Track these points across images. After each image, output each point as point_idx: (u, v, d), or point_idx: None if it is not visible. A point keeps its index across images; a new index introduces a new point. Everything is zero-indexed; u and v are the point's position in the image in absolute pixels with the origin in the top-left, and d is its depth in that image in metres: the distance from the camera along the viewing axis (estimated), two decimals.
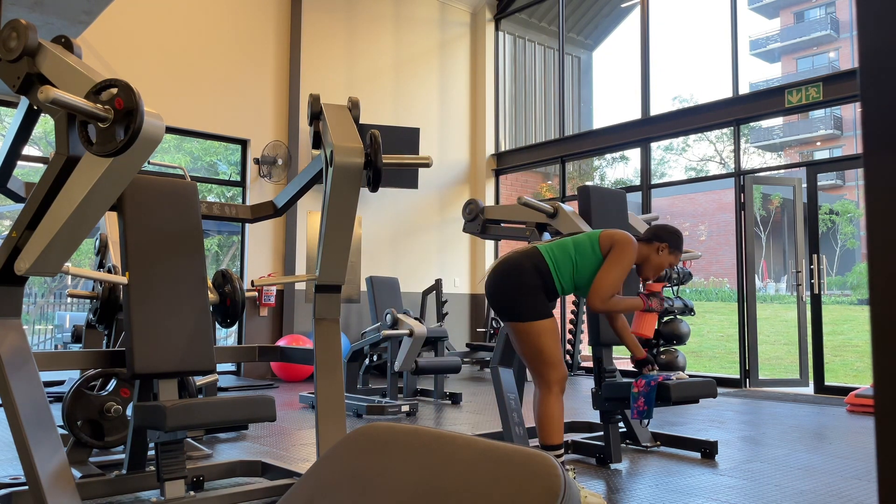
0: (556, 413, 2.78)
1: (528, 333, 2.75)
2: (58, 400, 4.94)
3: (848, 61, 26.62)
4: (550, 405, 2.77)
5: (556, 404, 2.77)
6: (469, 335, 9.25)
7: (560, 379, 2.78)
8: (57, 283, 11.93)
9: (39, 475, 1.96)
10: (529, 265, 2.78)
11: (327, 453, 0.81)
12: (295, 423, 4.66)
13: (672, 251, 2.92)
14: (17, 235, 2.10)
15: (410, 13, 9.06)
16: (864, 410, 5.28)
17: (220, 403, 2.40)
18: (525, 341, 2.77)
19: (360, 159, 2.48)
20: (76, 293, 3.60)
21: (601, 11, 10.58)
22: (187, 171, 4.86)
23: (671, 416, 5.01)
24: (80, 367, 2.64)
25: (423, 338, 5.15)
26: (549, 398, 2.77)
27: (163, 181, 2.79)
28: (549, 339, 2.75)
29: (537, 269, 2.78)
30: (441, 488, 0.69)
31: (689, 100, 19.39)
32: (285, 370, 7.09)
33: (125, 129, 1.74)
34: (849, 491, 2.98)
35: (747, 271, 6.85)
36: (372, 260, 8.44)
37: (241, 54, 7.52)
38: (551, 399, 2.77)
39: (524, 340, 2.77)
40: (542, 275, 2.78)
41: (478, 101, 9.64)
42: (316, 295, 2.72)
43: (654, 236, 2.93)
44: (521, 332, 2.76)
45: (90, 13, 4.73)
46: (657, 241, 2.92)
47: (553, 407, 2.77)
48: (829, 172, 16.45)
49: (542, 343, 2.74)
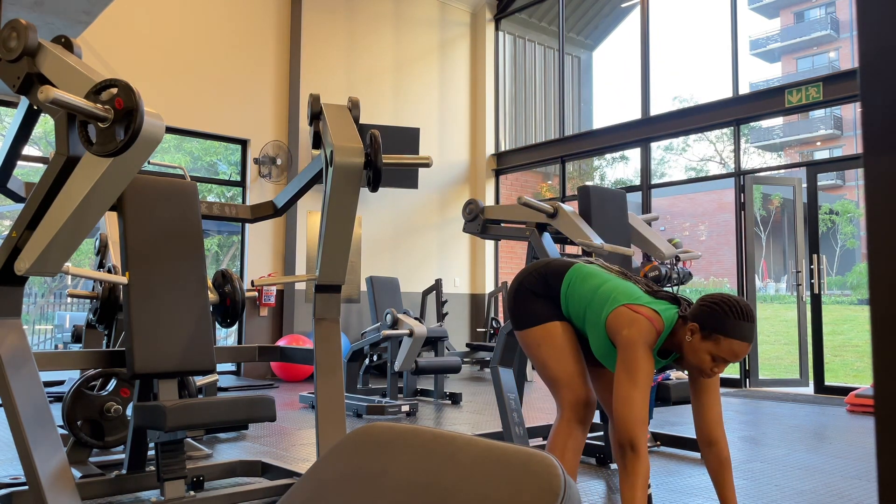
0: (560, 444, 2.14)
1: (525, 345, 2.27)
2: (58, 400, 4.94)
3: (848, 61, 26.61)
4: (557, 434, 2.16)
5: (563, 434, 2.15)
6: (469, 335, 9.25)
7: (573, 403, 2.15)
8: (57, 283, 11.92)
9: (39, 475, 1.96)
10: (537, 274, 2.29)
11: (327, 453, 0.81)
12: (295, 423, 4.66)
13: (709, 335, 1.91)
14: (17, 235, 2.10)
15: (410, 13, 9.05)
16: (864, 410, 5.28)
17: (220, 403, 2.40)
18: (528, 354, 2.28)
19: (360, 159, 2.48)
20: (76, 293, 3.60)
21: (601, 11, 10.57)
22: (187, 171, 4.86)
23: (671, 416, 5.01)
24: (80, 367, 2.64)
25: (423, 338, 5.15)
26: (559, 426, 2.17)
27: (163, 181, 2.79)
28: (550, 350, 2.19)
29: (544, 280, 2.27)
30: (441, 488, 0.69)
31: (689, 100, 19.38)
32: (285, 370, 7.09)
33: (125, 129, 1.74)
34: (849, 491, 2.98)
35: (747, 271, 6.85)
36: (372, 260, 8.44)
37: (241, 54, 7.52)
38: (561, 426, 2.16)
39: (527, 353, 2.29)
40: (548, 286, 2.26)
41: (478, 101, 9.64)
42: (316, 295, 2.72)
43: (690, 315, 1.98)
44: (520, 342, 2.31)
45: (90, 13, 4.73)
46: (692, 320, 1.96)
47: (559, 437, 2.15)
48: (829, 172, 16.44)
49: (542, 355, 2.21)
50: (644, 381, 1.92)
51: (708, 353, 1.91)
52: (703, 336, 1.92)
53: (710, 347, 1.91)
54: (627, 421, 1.90)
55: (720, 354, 1.89)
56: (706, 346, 1.91)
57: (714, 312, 1.90)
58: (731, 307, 1.89)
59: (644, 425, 1.91)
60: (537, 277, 2.28)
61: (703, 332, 1.92)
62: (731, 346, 1.88)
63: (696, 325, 1.93)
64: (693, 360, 1.95)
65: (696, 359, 1.94)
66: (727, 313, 1.89)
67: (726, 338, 1.88)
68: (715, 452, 2.04)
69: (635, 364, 1.93)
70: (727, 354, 1.89)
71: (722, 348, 1.89)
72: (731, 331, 1.87)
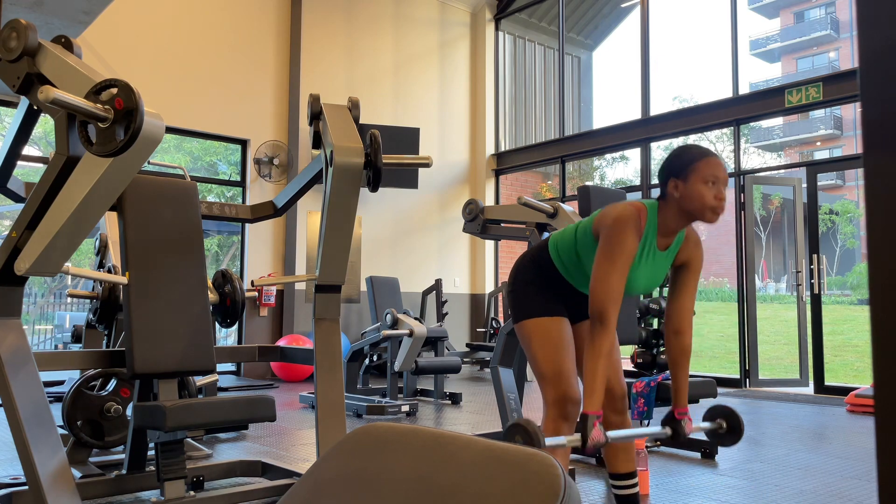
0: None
1: (520, 336, 2.27)
2: (58, 400, 4.94)
3: (848, 61, 26.62)
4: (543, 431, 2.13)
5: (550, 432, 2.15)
6: (469, 335, 9.25)
7: (555, 399, 2.15)
8: (57, 283, 11.92)
9: (39, 475, 1.96)
10: (528, 258, 2.32)
11: (327, 453, 0.81)
12: (295, 423, 4.66)
13: (686, 174, 2.02)
14: (17, 235, 2.10)
15: (410, 13, 9.06)
16: (864, 410, 5.28)
17: (220, 403, 2.40)
18: (522, 346, 2.29)
19: (360, 159, 2.48)
20: (76, 293, 3.60)
21: (601, 11, 10.58)
22: (187, 171, 4.86)
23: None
24: (80, 367, 2.64)
25: (423, 338, 5.15)
26: (545, 424, 2.17)
27: (163, 181, 2.79)
28: (542, 343, 2.18)
29: (535, 262, 2.29)
30: (441, 488, 0.69)
31: (689, 100, 19.41)
32: (285, 370, 7.09)
33: (125, 129, 1.74)
34: (849, 491, 2.98)
35: (747, 271, 6.85)
36: (372, 260, 8.44)
37: (241, 54, 7.52)
38: (546, 425, 2.17)
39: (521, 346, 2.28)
40: (540, 268, 2.28)
41: (478, 101, 9.64)
42: (316, 295, 2.72)
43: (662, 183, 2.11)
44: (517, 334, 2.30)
45: (90, 13, 4.73)
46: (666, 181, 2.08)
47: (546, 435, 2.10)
48: (829, 172, 16.43)
49: (532, 349, 2.21)
50: (622, 261, 1.99)
51: (696, 187, 2.01)
52: (683, 178, 2.03)
53: (694, 181, 2.01)
54: (600, 294, 1.99)
55: (706, 179, 2.00)
56: (692, 182, 2.01)
57: (675, 157, 2.06)
58: (681, 147, 2.09)
59: (616, 303, 1.99)
60: (528, 264, 2.31)
61: (680, 177, 2.03)
62: (707, 166, 2.01)
63: (673, 179, 2.05)
64: (696, 204, 2.01)
65: (697, 200, 2.01)
66: (682, 150, 2.07)
67: (698, 162, 2.02)
68: (679, 340, 2.19)
69: (616, 245, 2.00)
70: (710, 176, 2.00)
71: (702, 173, 2.01)
72: (697, 155, 2.03)
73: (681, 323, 2.19)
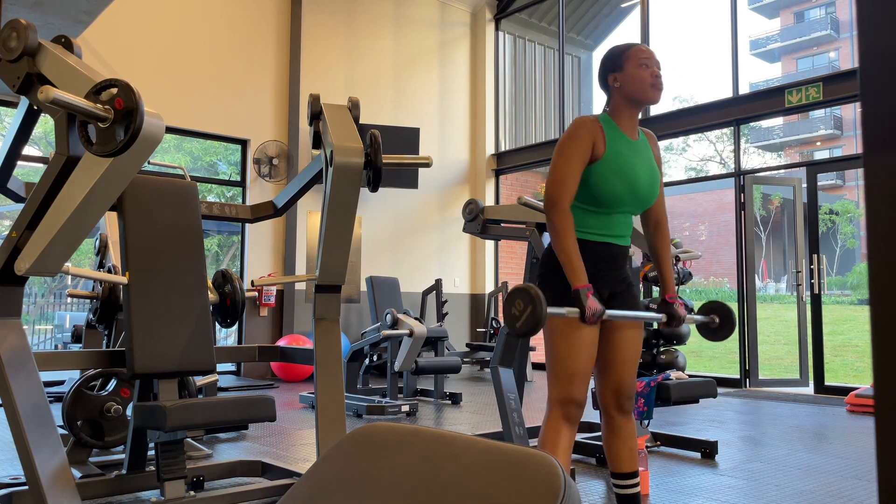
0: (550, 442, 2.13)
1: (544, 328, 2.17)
2: (58, 400, 4.94)
3: (848, 61, 26.62)
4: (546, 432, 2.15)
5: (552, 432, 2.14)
6: (469, 335, 9.25)
7: (562, 400, 2.13)
8: (57, 283, 11.93)
9: (39, 475, 1.96)
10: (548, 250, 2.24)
11: (327, 453, 0.81)
12: (295, 423, 4.66)
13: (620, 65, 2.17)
14: (17, 235, 2.10)
15: (410, 13, 9.05)
16: (864, 410, 5.28)
17: (220, 403, 2.40)
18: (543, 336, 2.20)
19: (360, 159, 2.48)
20: (76, 293, 3.60)
21: (601, 11, 10.57)
22: (187, 171, 4.86)
23: (671, 416, 5.00)
24: (80, 367, 2.64)
25: (423, 338, 5.15)
26: (548, 423, 2.16)
27: (163, 181, 2.79)
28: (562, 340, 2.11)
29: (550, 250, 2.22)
30: (441, 488, 0.69)
31: (689, 100, 19.39)
32: (285, 370, 7.09)
33: (125, 129, 1.74)
34: (849, 491, 2.98)
35: (747, 271, 6.85)
36: (372, 260, 8.44)
37: (241, 54, 7.52)
38: (549, 424, 2.15)
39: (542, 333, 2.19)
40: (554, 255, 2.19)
41: (478, 101, 9.64)
42: (316, 295, 2.72)
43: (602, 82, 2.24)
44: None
45: (90, 13, 4.73)
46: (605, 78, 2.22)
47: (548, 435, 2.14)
48: (829, 172, 16.43)
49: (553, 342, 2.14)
50: (576, 158, 2.10)
51: (633, 71, 2.16)
52: (620, 69, 2.18)
53: (629, 67, 2.16)
54: (550, 184, 2.11)
55: (640, 62, 2.16)
56: (627, 69, 2.16)
57: (606, 58, 2.22)
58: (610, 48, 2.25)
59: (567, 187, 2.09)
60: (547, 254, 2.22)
61: (616, 69, 2.19)
62: (637, 51, 2.18)
63: (611, 74, 2.19)
64: (637, 86, 2.16)
65: (637, 82, 2.16)
66: (611, 49, 2.23)
67: (628, 51, 2.19)
68: (660, 231, 2.33)
69: (566, 140, 2.12)
70: (643, 59, 2.17)
71: (634, 58, 2.17)
72: (625, 47, 2.20)
73: (658, 215, 2.32)
